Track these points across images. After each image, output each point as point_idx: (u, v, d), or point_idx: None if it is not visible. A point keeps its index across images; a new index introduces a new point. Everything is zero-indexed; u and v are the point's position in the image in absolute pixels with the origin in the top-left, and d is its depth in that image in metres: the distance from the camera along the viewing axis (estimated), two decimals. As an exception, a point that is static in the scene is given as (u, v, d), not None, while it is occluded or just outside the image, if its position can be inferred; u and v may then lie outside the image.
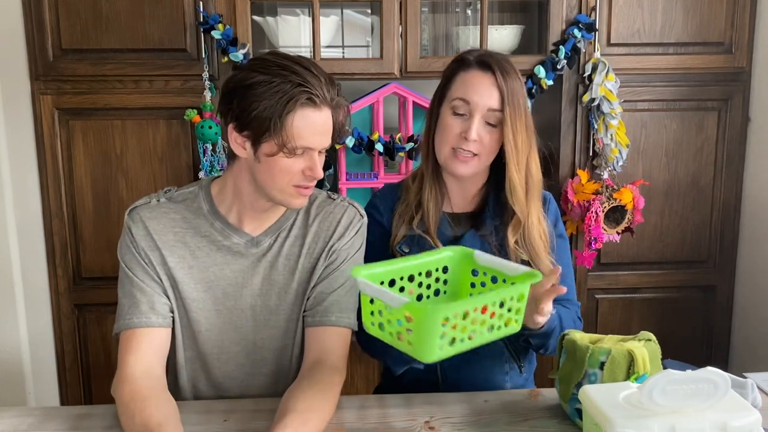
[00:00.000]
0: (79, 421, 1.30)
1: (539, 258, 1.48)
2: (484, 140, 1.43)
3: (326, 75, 1.30)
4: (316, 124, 1.28)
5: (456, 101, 1.44)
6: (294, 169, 1.29)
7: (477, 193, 1.55)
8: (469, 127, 1.42)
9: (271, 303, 1.40)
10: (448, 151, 1.45)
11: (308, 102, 1.25)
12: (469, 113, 1.43)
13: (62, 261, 2.28)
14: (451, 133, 1.44)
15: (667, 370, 1.03)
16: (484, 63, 1.44)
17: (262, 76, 1.25)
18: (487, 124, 1.43)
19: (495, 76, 1.42)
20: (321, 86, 1.26)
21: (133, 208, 1.39)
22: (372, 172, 2.33)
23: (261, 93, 1.24)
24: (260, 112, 1.24)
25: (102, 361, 2.35)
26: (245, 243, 1.39)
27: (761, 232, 2.35)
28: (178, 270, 1.37)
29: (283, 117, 1.24)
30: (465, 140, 1.42)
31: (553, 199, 1.60)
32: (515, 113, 1.42)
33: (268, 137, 1.26)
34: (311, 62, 1.30)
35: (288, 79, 1.24)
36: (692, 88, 2.32)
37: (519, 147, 1.44)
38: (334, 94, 1.30)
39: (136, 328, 1.33)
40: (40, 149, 2.22)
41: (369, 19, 2.44)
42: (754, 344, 2.39)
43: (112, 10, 2.15)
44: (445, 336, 1.08)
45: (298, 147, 1.27)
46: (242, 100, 1.26)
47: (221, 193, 1.40)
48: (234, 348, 1.41)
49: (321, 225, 1.41)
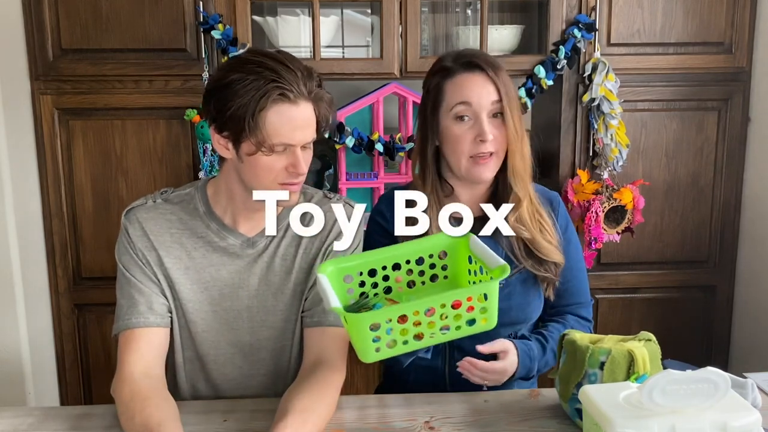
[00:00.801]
0: (79, 421, 1.30)
1: (536, 240, 1.49)
2: (497, 136, 1.44)
3: (303, 68, 1.27)
4: (294, 120, 1.25)
5: (457, 107, 1.43)
6: (276, 167, 1.28)
7: (484, 194, 1.54)
8: (482, 129, 1.42)
9: (267, 304, 1.40)
10: (466, 161, 1.45)
11: (281, 97, 1.23)
12: (473, 115, 1.43)
13: (62, 261, 2.28)
14: (464, 142, 1.43)
15: (667, 370, 1.03)
16: (469, 64, 1.44)
17: (237, 74, 1.23)
18: (493, 118, 1.44)
19: (485, 72, 1.43)
20: (296, 80, 1.24)
21: (130, 209, 1.39)
22: (372, 172, 2.33)
23: (235, 91, 1.22)
24: (235, 111, 1.22)
25: (102, 361, 2.35)
26: (241, 244, 1.39)
27: (761, 232, 2.35)
28: (174, 271, 1.37)
29: (256, 115, 1.22)
30: (482, 143, 1.42)
31: (562, 201, 1.61)
32: (512, 102, 1.44)
33: (245, 136, 1.24)
34: (288, 56, 1.27)
35: (261, 76, 1.22)
36: (692, 88, 2.32)
37: (519, 133, 1.45)
38: (313, 86, 1.27)
39: (135, 329, 1.33)
40: (40, 149, 2.22)
41: (369, 19, 2.44)
42: (754, 344, 2.39)
43: (112, 10, 2.15)
44: (380, 339, 1.10)
45: (276, 144, 1.25)
46: (218, 100, 1.25)
47: (216, 194, 1.40)
48: (231, 349, 1.41)
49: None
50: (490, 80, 1.42)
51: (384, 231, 1.52)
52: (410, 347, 1.13)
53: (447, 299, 1.11)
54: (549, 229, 1.52)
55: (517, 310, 1.51)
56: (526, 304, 1.52)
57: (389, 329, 1.10)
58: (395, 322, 1.10)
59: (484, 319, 1.14)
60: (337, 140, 2.24)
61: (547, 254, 1.50)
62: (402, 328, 1.10)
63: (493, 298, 1.13)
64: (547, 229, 1.52)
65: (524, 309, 1.52)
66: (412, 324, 1.10)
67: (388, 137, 2.27)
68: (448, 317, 1.12)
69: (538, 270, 1.50)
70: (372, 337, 1.09)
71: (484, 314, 1.14)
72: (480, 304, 1.13)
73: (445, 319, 1.12)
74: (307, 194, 1.45)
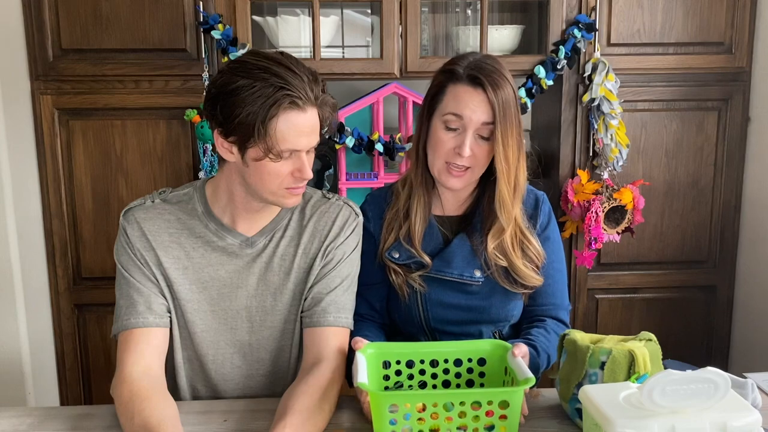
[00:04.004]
0: (79, 421, 1.30)
1: (515, 265, 1.48)
2: (477, 154, 1.43)
3: (309, 72, 1.27)
4: (301, 126, 1.25)
5: (448, 116, 1.42)
6: (283, 172, 1.28)
7: (468, 197, 1.55)
8: (463, 143, 1.41)
9: (266, 304, 1.40)
10: (441, 165, 1.45)
11: (291, 105, 1.23)
12: (461, 128, 1.42)
13: (62, 261, 2.28)
14: (443, 148, 1.43)
15: (667, 370, 1.03)
16: (474, 78, 1.41)
17: (243, 80, 1.22)
18: (480, 138, 1.43)
19: (486, 92, 1.40)
20: (303, 86, 1.24)
21: (128, 210, 1.40)
22: (372, 172, 2.33)
23: (243, 99, 1.22)
24: (243, 119, 1.22)
25: (102, 361, 2.35)
26: (240, 243, 1.39)
27: (761, 232, 2.35)
28: (173, 270, 1.37)
29: (266, 122, 1.22)
30: (458, 156, 1.42)
31: (547, 200, 1.60)
32: (507, 127, 1.41)
33: (253, 143, 1.24)
34: (292, 60, 1.27)
35: (269, 83, 1.21)
36: (692, 88, 2.32)
37: (510, 161, 1.43)
38: (319, 91, 1.27)
39: (134, 329, 1.33)
40: (40, 149, 2.22)
41: (369, 19, 2.44)
42: (754, 344, 2.39)
43: (112, 10, 2.14)
44: (397, 423, 1.13)
45: (284, 151, 1.25)
46: (225, 106, 1.24)
47: (215, 194, 1.40)
48: (230, 349, 1.41)
49: (316, 225, 1.41)
50: (488, 101, 1.40)
51: (365, 230, 1.52)
52: None
53: (467, 397, 1.13)
54: (533, 249, 1.51)
55: (498, 308, 1.51)
56: (507, 301, 1.52)
57: (407, 415, 1.14)
58: (414, 409, 1.13)
59: (503, 427, 1.15)
60: (337, 140, 2.24)
61: (524, 279, 1.50)
62: (419, 416, 1.13)
63: (515, 408, 1.14)
64: (530, 250, 1.51)
65: (505, 307, 1.52)
66: (429, 415, 1.13)
67: (388, 137, 2.27)
68: (466, 416, 1.13)
69: (514, 288, 1.50)
70: (390, 419, 1.13)
71: (503, 422, 1.15)
72: (500, 411, 1.14)
73: (463, 418, 1.13)
74: (306, 194, 1.45)
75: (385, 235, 1.52)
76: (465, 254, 1.49)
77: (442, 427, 1.14)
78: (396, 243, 1.50)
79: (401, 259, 1.49)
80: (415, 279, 1.49)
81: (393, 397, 1.16)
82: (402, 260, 1.49)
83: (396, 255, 1.49)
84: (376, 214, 1.55)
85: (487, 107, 1.40)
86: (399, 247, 1.50)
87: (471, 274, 1.48)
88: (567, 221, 2.30)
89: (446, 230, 1.53)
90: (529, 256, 1.51)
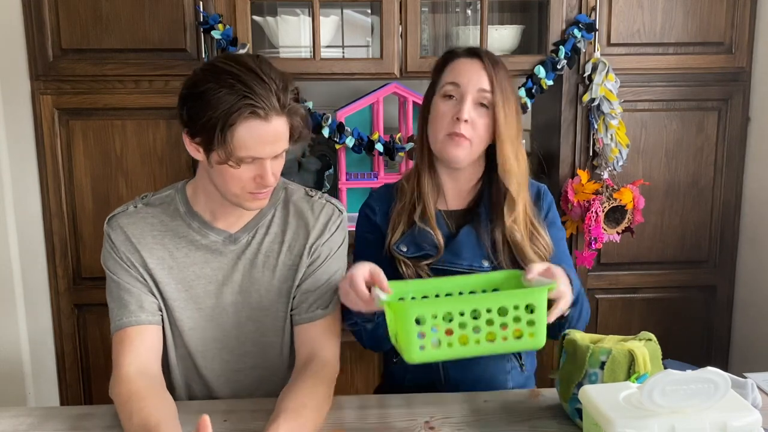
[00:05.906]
0: (79, 421, 1.31)
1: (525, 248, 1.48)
2: (477, 124, 1.44)
3: (280, 79, 1.24)
4: (264, 135, 1.24)
5: (446, 86, 1.46)
6: (244, 177, 1.28)
7: (471, 190, 1.55)
8: (461, 108, 1.43)
9: (252, 300, 1.41)
10: (442, 137, 1.46)
11: (252, 115, 1.21)
12: (460, 96, 1.45)
13: (62, 261, 2.28)
14: (444, 119, 1.45)
15: (667, 370, 1.03)
16: (472, 51, 1.48)
17: (210, 84, 1.21)
18: (479, 105, 1.45)
19: (483, 62, 1.46)
20: (269, 96, 1.21)
21: (112, 216, 1.41)
22: (372, 172, 2.33)
23: (207, 102, 1.21)
24: (206, 123, 1.22)
25: (102, 361, 2.35)
26: (223, 240, 1.39)
27: (761, 232, 2.35)
28: (158, 271, 1.38)
29: (225, 130, 1.21)
30: (458, 121, 1.43)
31: (549, 191, 1.60)
32: (504, 97, 1.45)
33: (214, 147, 1.24)
34: (265, 68, 1.24)
35: (234, 89, 1.20)
36: (692, 88, 2.32)
37: (512, 125, 1.46)
38: (287, 100, 1.25)
39: (128, 327, 1.34)
40: (40, 149, 2.22)
41: (369, 19, 2.44)
42: (754, 344, 2.39)
43: (112, 10, 2.15)
44: (425, 336, 1.10)
45: (244, 158, 1.24)
46: (191, 107, 1.25)
47: (195, 193, 1.41)
48: (217, 344, 1.42)
49: (299, 222, 1.42)
50: (485, 70, 1.45)
51: (372, 225, 1.54)
52: (455, 352, 1.13)
53: (493, 301, 1.12)
54: (542, 239, 1.51)
55: None
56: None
57: (434, 327, 1.11)
58: (441, 320, 1.11)
59: (531, 333, 1.14)
60: (337, 140, 2.24)
61: None
62: (447, 327, 1.11)
63: (541, 312, 1.14)
64: (539, 239, 1.51)
65: None
66: (457, 325, 1.11)
67: (388, 137, 2.27)
68: (494, 324, 1.12)
69: None
70: (417, 332, 1.10)
71: (531, 327, 1.14)
72: (527, 316, 1.13)
73: (491, 326, 1.12)
74: (289, 191, 1.46)
75: (392, 229, 1.52)
76: (472, 245, 1.49)
77: (470, 337, 1.12)
78: (406, 235, 1.50)
79: (409, 253, 1.49)
80: (424, 270, 1.49)
81: (419, 306, 1.12)
82: (410, 254, 1.49)
83: (404, 248, 1.49)
84: (383, 210, 1.56)
85: (483, 74, 1.45)
86: (408, 240, 1.50)
87: (480, 264, 1.49)
88: (567, 221, 2.30)
89: (451, 224, 1.53)
90: (538, 247, 1.51)
